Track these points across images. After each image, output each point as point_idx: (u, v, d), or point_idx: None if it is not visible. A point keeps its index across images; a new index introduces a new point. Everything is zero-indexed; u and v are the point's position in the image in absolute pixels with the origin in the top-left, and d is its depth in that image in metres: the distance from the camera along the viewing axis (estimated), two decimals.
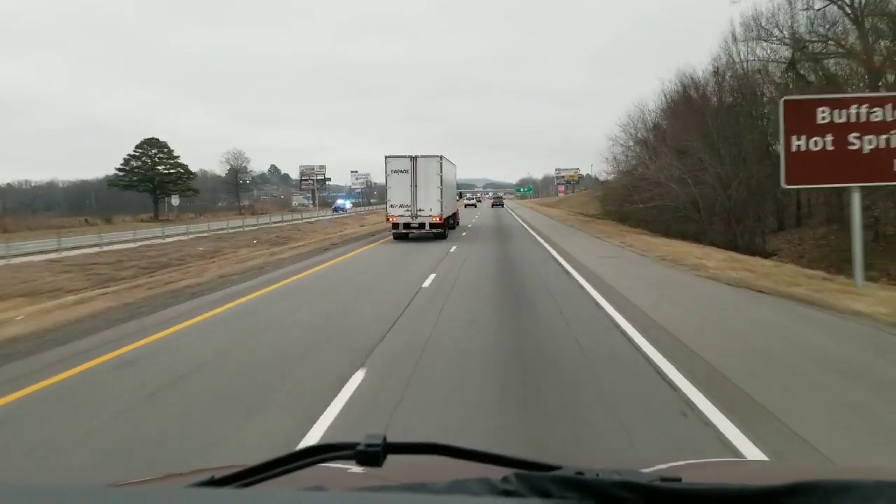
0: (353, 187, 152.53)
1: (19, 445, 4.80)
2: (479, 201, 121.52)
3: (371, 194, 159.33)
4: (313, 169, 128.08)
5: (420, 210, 27.30)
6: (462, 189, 60.67)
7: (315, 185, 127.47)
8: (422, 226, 27.26)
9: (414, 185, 27.14)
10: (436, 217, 27.33)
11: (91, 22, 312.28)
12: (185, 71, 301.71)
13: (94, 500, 0.93)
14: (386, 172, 27.54)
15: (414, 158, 27.29)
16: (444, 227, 28.06)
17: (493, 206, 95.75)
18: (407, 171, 27.19)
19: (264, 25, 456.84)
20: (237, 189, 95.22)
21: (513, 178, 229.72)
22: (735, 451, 4.26)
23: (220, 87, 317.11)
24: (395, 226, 27.45)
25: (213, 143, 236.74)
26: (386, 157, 27.35)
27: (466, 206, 75.44)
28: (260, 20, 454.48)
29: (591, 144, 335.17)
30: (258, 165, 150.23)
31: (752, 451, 4.25)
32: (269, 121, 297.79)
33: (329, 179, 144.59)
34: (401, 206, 27.22)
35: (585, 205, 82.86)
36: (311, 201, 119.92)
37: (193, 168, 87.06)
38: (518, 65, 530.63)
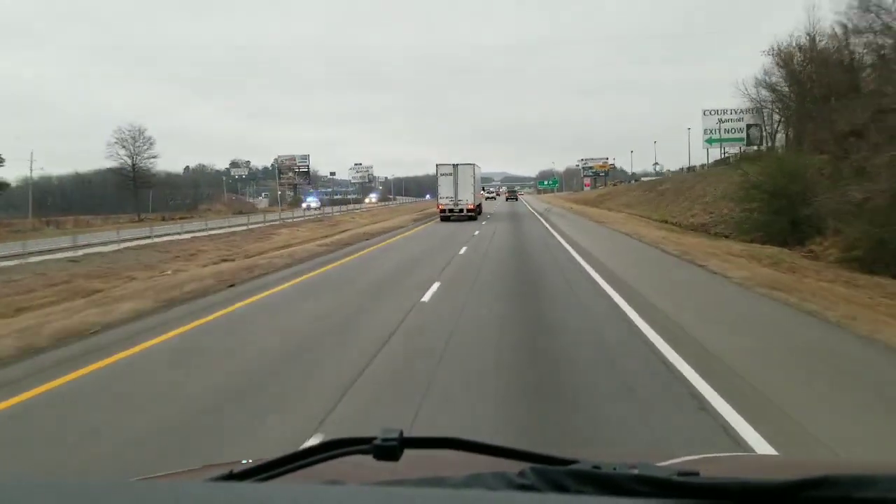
0: (353, 181, 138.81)
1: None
2: (499, 195, 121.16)
3: (369, 188, 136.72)
4: (294, 159, 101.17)
5: (459, 200, 39.26)
6: (482, 184, 65.63)
7: (297, 179, 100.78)
8: (461, 211, 39.12)
9: (455, 184, 39.31)
10: (470, 205, 39.44)
11: (79, 16, 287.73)
12: (181, 64, 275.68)
13: (115, 494, 0.95)
14: (437, 174, 40.49)
15: (456, 165, 39.85)
16: (475, 212, 40.30)
17: (507, 199, 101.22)
18: (451, 174, 39.50)
19: (263, 13, 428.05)
20: (135, 185, 66.26)
21: (532, 172, 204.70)
22: None
23: (217, 79, 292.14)
24: (443, 211, 39.59)
25: (211, 139, 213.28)
26: (437, 164, 40.75)
27: (487, 198, 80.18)
28: (257, 10, 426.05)
29: (614, 136, 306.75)
30: (263, 160, 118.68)
31: None
32: (277, 115, 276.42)
33: (333, 174, 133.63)
34: (447, 198, 39.51)
35: (651, 203, 55.13)
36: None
37: (190, 163, 61.41)
38: (535, 55, 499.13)
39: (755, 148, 66.75)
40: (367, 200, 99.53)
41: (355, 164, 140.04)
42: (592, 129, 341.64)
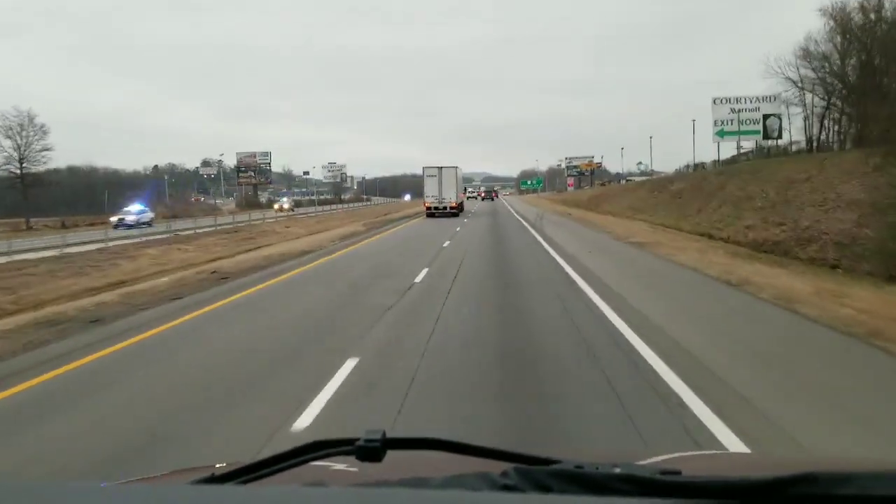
0: (325, 180, 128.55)
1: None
2: (479, 195, 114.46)
3: (342, 188, 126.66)
4: (254, 157, 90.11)
5: (443, 198, 42.88)
6: (463, 184, 66.60)
7: (256, 178, 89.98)
8: (445, 208, 42.69)
9: (440, 184, 43.05)
10: (453, 203, 43.19)
11: (64, 12, 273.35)
12: (163, 63, 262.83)
13: (97, 498, 0.94)
14: (423, 176, 44.47)
15: (440, 168, 43.64)
16: (458, 210, 43.82)
17: (482, 199, 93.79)
18: (436, 175, 43.39)
19: (248, 12, 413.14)
20: (24, 184, 52.81)
21: (513, 171, 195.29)
22: None
23: (202, 80, 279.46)
24: (429, 208, 43.19)
25: (197, 141, 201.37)
26: (423, 167, 44.74)
27: (469, 198, 77.26)
28: (244, 7, 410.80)
29: (598, 136, 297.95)
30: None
31: None
32: (263, 117, 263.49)
33: (308, 174, 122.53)
34: (432, 197, 43.28)
35: (667, 207, 45.21)
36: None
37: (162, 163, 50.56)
38: (517, 55, 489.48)
39: (774, 142, 57.39)
40: (276, 206, 71.31)
41: (329, 164, 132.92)
42: (576, 128, 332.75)
